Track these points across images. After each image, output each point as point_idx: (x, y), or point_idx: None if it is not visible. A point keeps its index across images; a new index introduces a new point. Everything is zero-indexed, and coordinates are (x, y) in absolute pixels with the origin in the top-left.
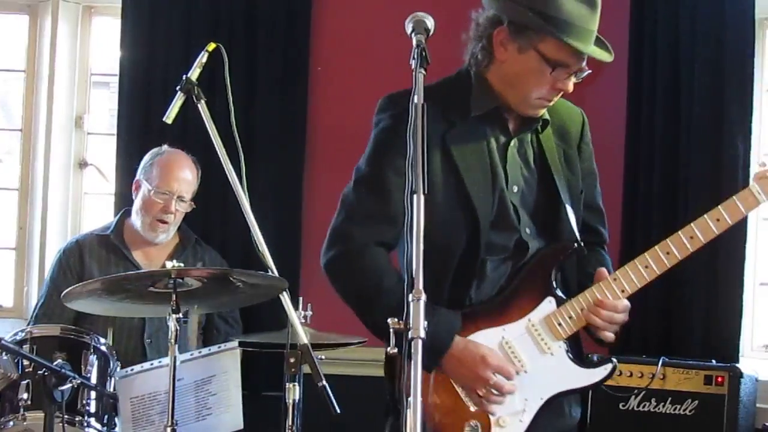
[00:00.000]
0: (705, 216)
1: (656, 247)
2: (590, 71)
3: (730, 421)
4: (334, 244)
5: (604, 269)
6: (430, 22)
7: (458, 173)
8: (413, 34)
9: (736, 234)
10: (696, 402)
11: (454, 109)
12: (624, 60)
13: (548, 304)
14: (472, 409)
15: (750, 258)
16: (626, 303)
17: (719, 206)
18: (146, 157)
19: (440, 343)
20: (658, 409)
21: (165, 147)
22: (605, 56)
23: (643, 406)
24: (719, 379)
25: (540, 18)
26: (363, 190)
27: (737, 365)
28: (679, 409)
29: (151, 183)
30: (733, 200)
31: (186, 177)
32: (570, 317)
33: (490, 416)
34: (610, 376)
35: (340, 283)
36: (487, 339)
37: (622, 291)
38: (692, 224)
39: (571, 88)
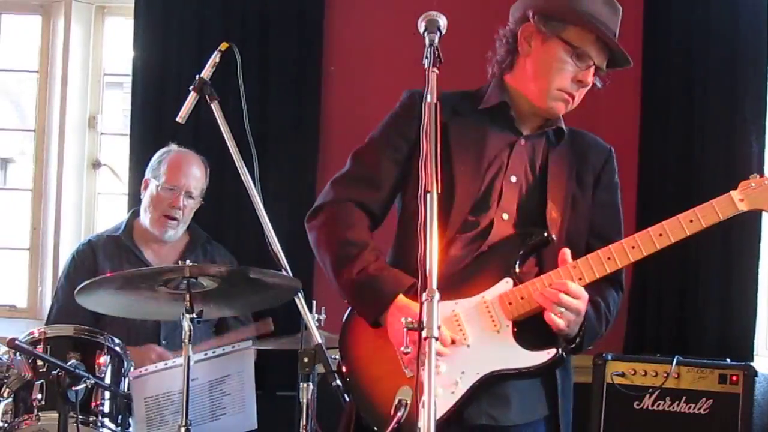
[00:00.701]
0: (679, 216)
1: (623, 240)
2: (608, 73)
3: (745, 420)
4: (318, 199)
5: (566, 250)
6: (443, 22)
7: (449, 156)
8: (426, 33)
9: (751, 232)
10: (710, 401)
11: (464, 105)
12: (638, 59)
13: (505, 284)
14: (408, 375)
15: (764, 256)
16: (580, 288)
17: (695, 208)
18: (154, 157)
19: (384, 296)
20: (673, 408)
21: (173, 146)
22: (626, 56)
23: (658, 405)
24: (734, 378)
25: (567, 6)
26: (355, 156)
27: (752, 364)
28: (694, 408)
29: (158, 179)
30: (711, 204)
31: (194, 173)
32: (522, 298)
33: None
34: (553, 362)
35: (313, 232)
36: (440, 309)
37: (579, 279)
38: (664, 222)
39: (590, 81)
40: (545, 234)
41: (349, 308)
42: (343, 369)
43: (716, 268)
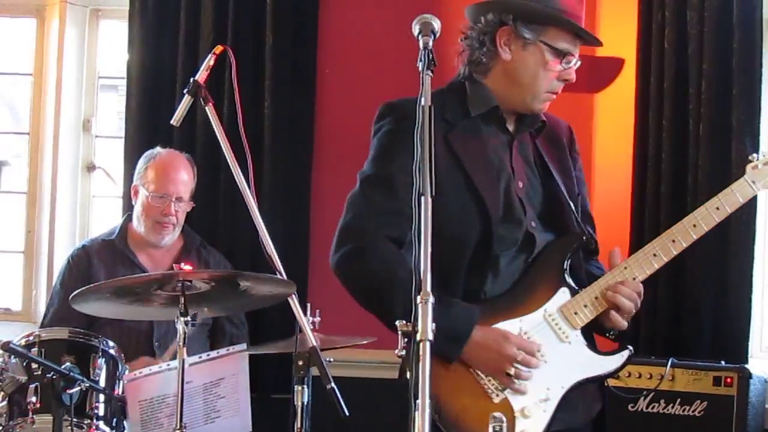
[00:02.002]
0: (705, 205)
1: (661, 236)
2: (581, 62)
3: (740, 422)
4: (345, 241)
5: (617, 250)
6: (437, 24)
7: (464, 169)
8: (420, 36)
9: (746, 234)
10: (705, 403)
11: (452, 112)
12: (632, 60)
13: (563, 294)
14: (496, 401)
15: (759, 259)
16: (641, 287)
17: (717, 195)
18: (140, 161)
19: (460, 333)
20: (667, 410)
21: (158, 149)
22: (597, 39)
23: (652, 408)
24: (728, 380)
25: (543, 8)
26: (370, 188)
27: (746, 366)
28: (688, 410)
29: (148, 187)
30: (730, 189)
31: (182, 178)
32: (585, 306)
33: (514, 407)
34: (627, 362)
35: (352, 280)
36: (509, 330)
37: (634, 278)
38: (694, 213)
39: (574, 77)
40: (583, 238)
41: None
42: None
43: (711, 270)
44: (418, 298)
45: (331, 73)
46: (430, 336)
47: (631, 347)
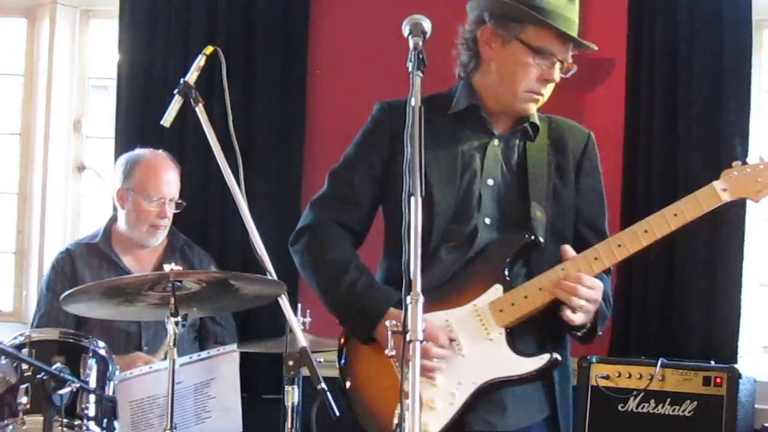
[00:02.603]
0: (662, 211)
1: (607, 239)
2: (576, 69)
3: (729, 423)
4: (300, 223)
5: (567, 247)
6: (427, 25)
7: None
8: (410, 37)
9: (735, 234)
10: (695, 403)
11: (434, 111)
12: (622, 61)
13: (495, 291)
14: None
15: (749, 259)
16: (595, 280)
17: (679, 201)
18: (123, 164)
19: (374, 313)
20: (657, 410)
21: (139, 151)
22: (590, 44)
23: (642, 407)
24: (718, 380)
25: (521, 6)
26: (332, 178)
27: (736, 366)
28: (678, 410)
29: (141, 192)
30: (694, 196)
31: (173, 179)
32: (512, 304)
33: (422, 397)
34: (548, 367)
35: (298, 255)
36: (433, 320)
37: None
38: (648, 219)
39: (557, 77)
40: (532, 237)
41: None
42: (346, 385)
43: (701, 270)
44: (408, 298)
45: (321, 73)
46: (420, 336)
47: (556, 354)
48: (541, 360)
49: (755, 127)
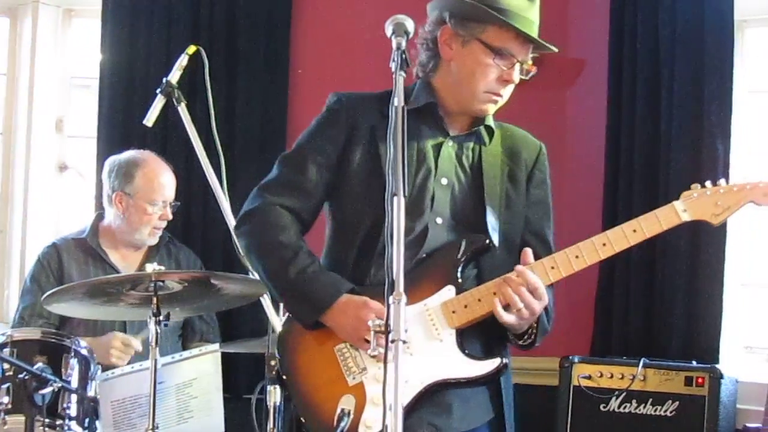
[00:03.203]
0: (622, 226)
1: (566, 250)
2: (536, 72)
3: (711, 423)
4: (246, 205)
5: (528, 250)
6: (410, 25)
7: (378, 160)
8: (393, 37)
9: (717, 235)
10: (677, 403)
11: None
12: (604, 62)
13: (447, 292)
14: (351, 383)
15: (730, 259)
16: (544, 291)
17: (639, 218)
18: (118, 167)
19: (323, 301)
20: (639, 410)
21: (133, 153)
22: (550, 46)
23: (624, 408)
24: (700, 381)
25: (482, 6)
26: (283, 162)
27: (718, 366)
28: (660, 411)
29: (144, 197)
30: (654, 214)
31: (171, 180)
32: (465, 306)
33: (367, 393)
34: (497, 371)
35: (244, 238)
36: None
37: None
38: (607, 232)
39: (516, 78)
40: (486, 241)
41: (286, 316)
42: (283, 377)
43: (682, 270)
44: (391, 299)
45: (303, 73)
46: (403, 336)
47: (505, 359)
48: (491, 364)
49: (737, 128)
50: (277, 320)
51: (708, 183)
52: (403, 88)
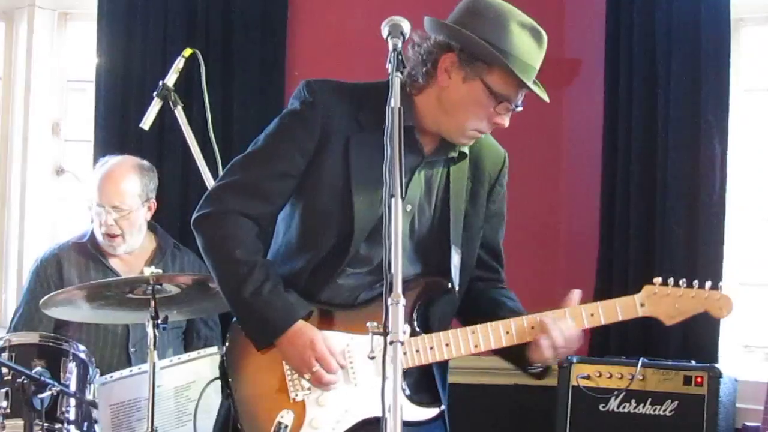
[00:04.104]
0: (582, 306)
1: (524, 317)
2: (522, 108)
3: (710, 422)
4: (206, 204)
5: (578, 292)
6: (406, 26)
7: (348, 179)
8: (389, 38)
9: (715, 234)
10: (676, 402)
11: (368, 115)
12: (601, 61)
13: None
14: (293, 398)
15: (728, 259)
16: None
17: (599, 303)
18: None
19: (277, 325)
20: (638, 410)
21: (105, 158)
22: (544, 95)
23: (623, 407)
24: (699, 380)
25: (492, 48)
26: (248, 162)
27: (717, 365)
28: (659, 410)
29: (91, 199)
30: (614, 303)
31: (118, 188)
32: (417, 351)
33: (307, 413)
34: (435, 419)
35: (201, 240)
36: (334, 340)
37: (476, 346)
38: (566, 309)
39: (507, 123)
40: (449, 285)
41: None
42: (229, 379)
43: (681, 271)
44: (389, 300)
45: (300, 75)
46: (401, 337)
47: (443, 406)
48: (431, 412)
49: (734, 127)
50: None
51: (671, 280)
52: (370, 83)
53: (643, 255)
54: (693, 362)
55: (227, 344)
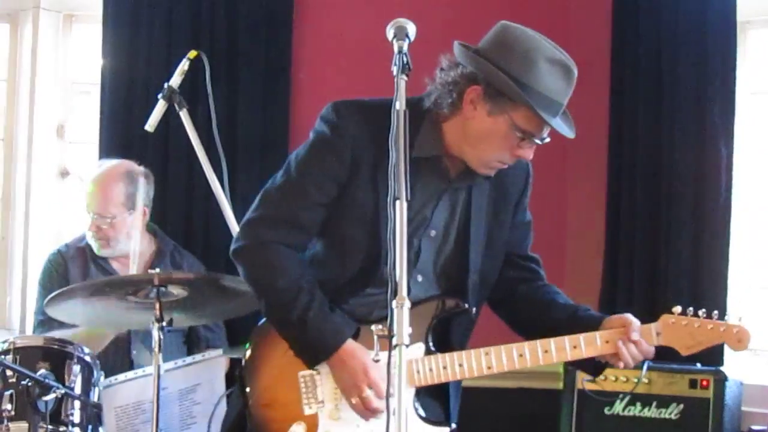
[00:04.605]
0: (596, 333)
1: (538, 341)
2: (549, 139)
3: (716, 425)
4: (244, 237)
5: (627, 316)
6: (411, 29)
7: (377, 208)
8: (395, 41)
9: (721, 236)
10: (681, 406)
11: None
12: (606, 64)
13: (416, 349)
14: (307, 412)
15: (734, 261)
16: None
17: (613, 330)
18: None
19: (324, 348)
20: (644, 413)
21: (101, 161)
22: (569, 133)
23: (629, 411)
24: (704, 383)
25: (519, 87)
26: (283, 194)
27: (722, 369)
28: (665, 413)
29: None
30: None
31: (98, 195)
32: (430, 369)
33: (319, 427)
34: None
35: (243, 271)
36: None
37: (488, 367)
38: (581, 336)
39: (531, 156)
40: (465, 306)
41: (263, 320)
42: (246, 388)
43: (686, 273)
44: (394, 303)
45: (305, 77)
46: (406, 340)
47: (454, 425)
48: (441, 431)
49: (740, 130)
50: None
51: (690, 310)
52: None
53: (648, 259)
54: (698, 365)
55: (249, 351)
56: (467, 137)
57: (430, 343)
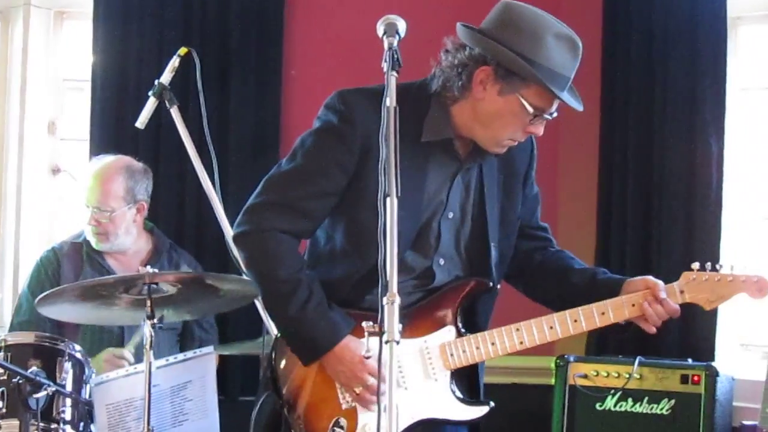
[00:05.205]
0: (623, 297)
1: (567, 311)
2: (556, 114)
3: (707, 420)
4: (246, 221)
5: (649, 278)
6: (402, 25)
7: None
8: (385, 37)
9: (712, 232)
10: (673, 401)
11: (404, 126)
12: (597, 59)
13: (447, 333)
14: (344, 407)
15: (724, 259)
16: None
17: (641, 292)
18: None
19: (321, 345)
20: (635, 408)
21: (99, 156)
22: (578, 106)
23: (620, 406)
24: (696, 379)
25: (529, 65)
26: (289, 180)
27: (713, 364)
28: (656, 409)
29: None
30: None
31: (99, 188)
32: (463, 351)
33: (359, 420)
34: (484, 416)
35: (243, 256)
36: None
37: (521, 343)
38: (607, 302)
39: (541, 131)
40: (490, 284)
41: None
42: (278, 384)
43: (678, 269)
44: (384, 300)
45: (296, 74)
46: (397, 337)
47: (492, 403)
48: (480, 410)
49: (730, 126)
50: (271, 322)
51: (708, 265)
52: (399, 85)
53: (640, 254)
54: (690, 361)
55: (275, 354)
56: (478, 118)
57: (460, 325)
